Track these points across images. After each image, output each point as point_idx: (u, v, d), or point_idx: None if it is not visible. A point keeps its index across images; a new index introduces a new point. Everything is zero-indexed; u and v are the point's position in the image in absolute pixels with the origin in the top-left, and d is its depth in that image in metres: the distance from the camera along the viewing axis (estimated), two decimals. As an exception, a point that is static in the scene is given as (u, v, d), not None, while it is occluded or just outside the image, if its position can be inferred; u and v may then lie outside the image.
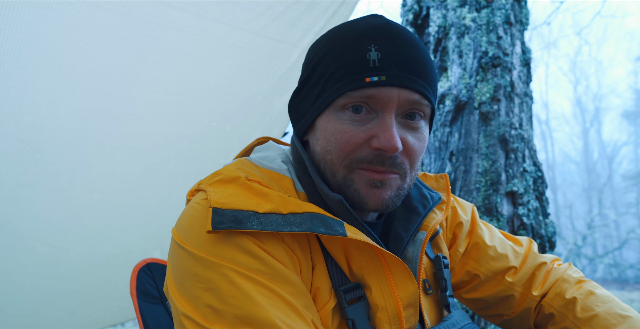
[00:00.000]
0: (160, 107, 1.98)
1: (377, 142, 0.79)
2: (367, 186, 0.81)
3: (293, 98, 0.92)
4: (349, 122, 0.80)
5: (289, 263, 0.76)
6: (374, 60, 0.78)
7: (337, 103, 0.81)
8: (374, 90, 0.78)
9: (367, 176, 0.81)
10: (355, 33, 0.82)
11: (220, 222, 0.71)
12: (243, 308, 0.67)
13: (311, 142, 0.88)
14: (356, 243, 0.83)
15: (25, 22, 1.47)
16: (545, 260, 1.10)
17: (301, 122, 0.89)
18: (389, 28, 0.82)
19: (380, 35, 0.80)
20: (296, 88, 0.91)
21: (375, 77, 0.78)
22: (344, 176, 0.82)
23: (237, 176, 0.81)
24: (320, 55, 0.84)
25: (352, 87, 0.79)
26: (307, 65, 0.88)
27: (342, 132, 0.80)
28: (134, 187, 2.13)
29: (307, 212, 0.76)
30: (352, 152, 0.80)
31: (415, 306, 0.86)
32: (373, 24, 0.82)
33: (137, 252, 2.25)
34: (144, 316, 1.15)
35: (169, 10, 1.72)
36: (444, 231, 1.08)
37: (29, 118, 1.66)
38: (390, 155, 0.80)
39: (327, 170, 0.84)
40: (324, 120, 0.83)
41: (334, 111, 0.82)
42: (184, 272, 0.73)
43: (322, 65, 0.83)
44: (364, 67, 0.78)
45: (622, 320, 0.92)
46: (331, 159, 0.82)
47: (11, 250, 1.90)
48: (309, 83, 0.87)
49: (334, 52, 0.82)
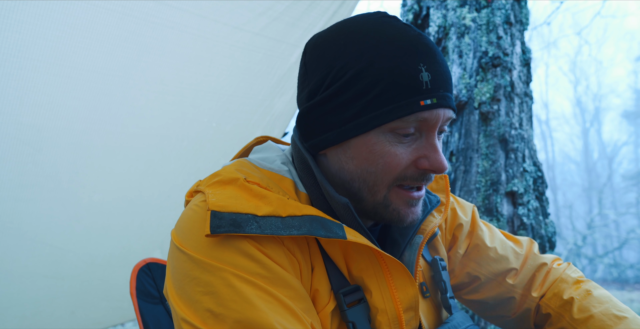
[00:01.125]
0: (160, 107, 1.98)
1: (426, 164, 0.79)
2: (407, 206, 0.82)
3: (311, 110, 0.83)
4: (399, 144, 0.79)
5: (288, 266, 0.76)
6: (426, 82, 0.75)
7: (388, 127, 0.77)
8: (427, 113, 0.76)
9: (406, 196, 0.82)
10: (400, 46, 0.76)
11: (218, 226, 0.71)
12: (242, 312, 0.67)
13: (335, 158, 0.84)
14: (356, 246, 0.82)
15: (25, 23, 1.47)
16: (545, 261, 1.09)
17: (322, 137, 0.83)
18: (426, 41, 0.79)
19: (425, 51, 0.77)
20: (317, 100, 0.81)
21: (428, 100, 0.76)
22: (384, 196, 0.81)
23: (236, 178, 0.80)
24: (356, 69, 0.77)
25: (408, 111, 0.75)
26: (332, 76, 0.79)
27: (392, 155, 0.78)
28: (134, 187, 2.14)
29: (307, 215, 0.76)
30: (399, 173, 0.80)
31: (415, 309, 0.86)
32: (411, 35, 0.78)
33: (137, 252, 2.25)
34: (143, 316, 1.15)
35: (169, 10, 1.72)
36: (443, 232, 1.08)
37: (29, 119, 1.66)
38: (439, 174, 0.81)
39: (364, 189, 0.82)
40: (366, 141, 0.79)
41: (382, 133, 0.78)
42: (183, 275, 0.73)
43: (360, 81, 0.76)
44: (418, 89, 0.75)
45: (618, 321, 0.92)
46: (374, 180, 0.80)
47: (11, 250, 1.90)
48: (339, 99, 0.79)
49: (378, 68, 0.76)
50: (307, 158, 0.85)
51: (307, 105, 0.84)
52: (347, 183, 0.83)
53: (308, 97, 0.84)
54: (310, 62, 0.84)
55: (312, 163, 0.84)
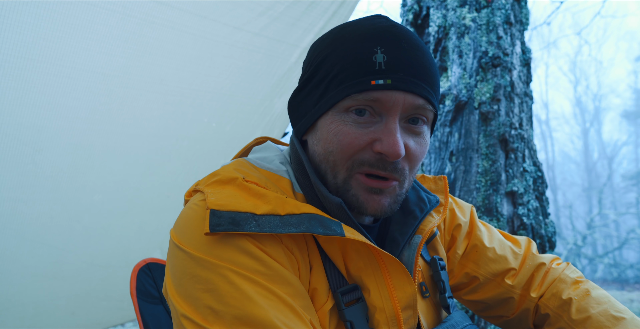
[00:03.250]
0: (160, 107, 1.98)
1: (380, 146, 0.78)
2: (366, 192, 0.81)
3: (293, 98, 0.91)
4: (352, 124, 0.80)
5: (287, 263, 0.76)
6: (380, 62, 0.77)
7: (341, 105, 0.80)
8: (380, 93, 0.77)
9: (365, 183, 0.81)
10: (361, 34, 0.80)
11: (217, 224, 0.71)
12: (242, 309, 0.67)
13: (311, 142, 0.87)
14: (354, 245, 0.82)
15: (25, 23, 1.47)
16: (544, 261, 1.09)
17: (301, 121, 0.88)
18: (395, 30, 0.80)
19: (387, 37, 0.79)
20: (297, 88, 0.90)
21: (381, 80, 0.77)
22: (344, 180, 0.82)
23: (235, 177, 0.80)
24: (323, 55, 0.83)
25: (357, 89, 0.77)
26: (309, 64, 0.87)
27: (345, 134, 0.79)
28: (134, 188, 2.13)
29: (305, 213, 0.76)
30: (354, 153, 0.80)
31: (413, 308, 0.86)
32: (379, 25, 0.81)
33: (137, 253, 2.25)
34: (143, 316, 1.15)
35: (169, 10, 1.72)
36: (442, 233, 1.08)
37: (29, 119, 1.66)
38: (392, 161, 0.79)
39: (328, 171, 0.83)
40: (326, 121, 0.82)
41: (337, 112, 0.81)
42: (182, 273, 0.73)
43: (325, 65, 0.82)
44: (370, 69, 0.77)
45: (616, 322, 0.92)
46: (333, 160, 0.81)
47: (11, 250, 1.89)
48: (311, 83, 0.85)
49: (338, 52, 0.81)
50: (302, 158, 0.86)
51: (293, 92, 0.91)
52: (317, 166, 0.85)
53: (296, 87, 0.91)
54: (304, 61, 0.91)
55: (306, 163, 0.85)
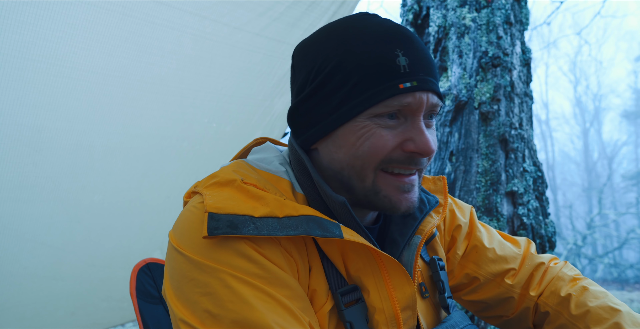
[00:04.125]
0: (160, 107, 1.98)
1: (413, 146, 0.79)
2: (398, 192, 0.82)
3: (299, 106, 0.86)
4: (384, 127, 0.79)
5: (285, 266, 0.76)
6: (403, 65, 0.77)
7: (370, 112, 0.79)
8: (409, 96, 0.77)
9: (394, 181, 0.81)
10: (376, 36, 0.79)
11: (216, 228, 0.71)
12: (240, 313, 0.67)
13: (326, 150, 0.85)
14: (353, 246, 0.82)
15: (25, 23, 1.47)
16: (542, 260, 1.10)
17: (311, 131, 0.85)
18: (404, 30, 0.81)
19: (403, 38, 0.79)
20: (303, 96, 0.85)
21: (408, 83, 0.77)
22: (372, 181, 0.81)
23: (233, 179, 0.80)
24: (335, 61, 0.79)
25: (388, 94, 0.77)
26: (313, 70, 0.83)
27: (378, 137, 0.79)
28: (134, 188, 2.13)
29: (304, 215, 0.76)
30: (385, 155, 0.80)
31: (413, 309, 0.86)
32: (388, 26, 0.81)
33: (137, 253, 2.25)
34: (143, 316, 1.15)
35: (169, 10, 1.72)
36: (442, 234, 1.08)
37: (29, 119, 1.66)
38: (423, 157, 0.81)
39: (353, 176, 0.82)
40: (352, 128, 0.80)
41: (367, 118, 0.79)
42: (181, 276, 0.73)
43: (342, 70, 0.79)
44: (396, 73, 0.77)
45: (614, 313, 0.94)
46: (361, 164, 0.80)
47: (11, 251, 1.89)
48: (322, 91, 0.81)
49: (355, 57, 0.78)
50: (303, 159, 0.86)
51: (295, 102, 0.87)
52: (338, 173, 0.84)
53: (296, 94, 0.87)
54: (297, 64, 0.88)
55: (307, 163, 0.84)
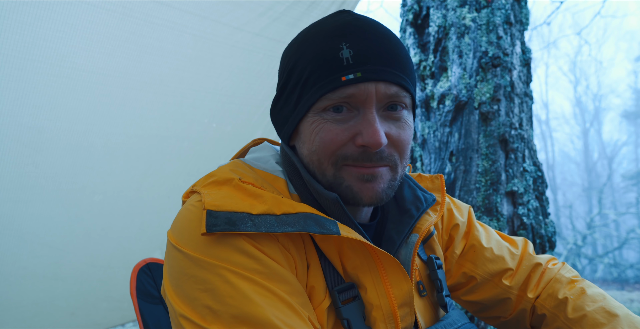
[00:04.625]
0: (160, 107, 1.98)
1: (361, 139, 0.79)
2: (359, 182, 0.81)
3: (273, 106, 0.91)
4: (332, 121, 0.80)
5: (284, 262, 0.77)
6: (347, 57, 0.77)
7: (318, 106, 0.81)
8: (352, 88, 0.78)
9: (356, 172, 0.81)
10: (325, 33, 0.81)
11: (214, 225, 0.72)
12: (240, 308, 0.68)
13: (298, 146, 0.87)
14: (350, 243, 0.83)
15: (25, 23, 1.47)
16: (540, 261, 1.10)
17: (284, 128, 0.88)
18: (357, 23, 0.81)
19: (350, 31, 0.79)
20: (275, 96, 0.90)
21: (351, 75, 0.77)
22: (333, 175, 0.82)
23: (231, 178, 0.81)
24: (294, 60, 0.84)
25: (330, 87, 0.78)
26: (283, 71, 0.87)
27: (326, 131, 0.80)
28: (134, 188, 2.14)
29: (301, 212, 0.76)
30: (337, 149, 0.80)
31: (410, 306, 0.87)
32: (341, 21, 0.82)
33: (137, 253, 2.25)
34: (143, 316, 1.15)
35: (170, 11, 1.72)
36: (439, 233, 1.08)
37: (29, 120, 1.66)
38: (376, 151, 0.79)
39: (316, 170, 0.84)
40: (307, 123, 0.83)
41: (316, 113, 0.81)
42: (180, 274, 0.73)
43: (296, 70, 0.83)
44: (338, 66, 0.78)
45: (611, 318, 0.93)
46: (318, 159, 0.82)
47: (11, 251, 1.89)
48: (287, 89, 0.86)
49: (306, 55, 0.81)
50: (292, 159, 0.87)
51: (272, 101, 0.91)
52: (307, 167, 0.86)
53: None
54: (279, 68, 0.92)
55: (298, 164, 0.85)
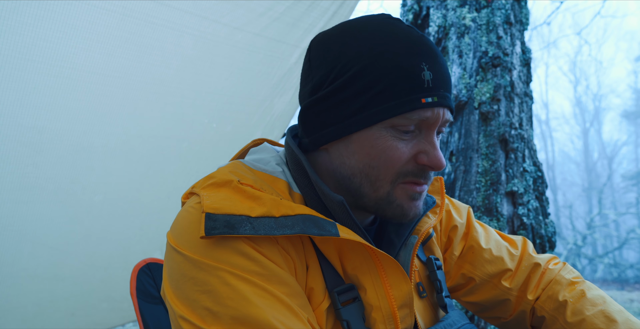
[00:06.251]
0: (160, 108, 1.98)
1: (426, 159, 0.81)
2: (409, 200, 0.83)
3: (314, 105, 0.84)
4: (400, 140, 0.80)
5: (283, 264, 0.77)
6: (428, 80, 0.78)
7: (389, 122, 0.79)
8: (429, 111, 0.79)
9: (411, 190, 0.83)
10: (404, 46, 0.79)
11: (213, 228, 0.72)
12: (240, 309, 0.68)
13: (337, 154, 0.84)
14: (350, 244, 0.83)
15: (25, 24, 1.47)
16: (539, 261, 1.09)
17: (324, 131, 0.84)
18: (428, 42, 0.82)
19: (426, 52, 0.80)
20: (320, 95, 0.83)
21: (429, 98, 0.78)
22: (388, 192, 0.82)
23: (230, 180, 0.81)
24: (361, 65, 0.79)
25: (410, 107, 0.77)
26: (338, 71, 0.81)
27: (395, 150, 0.80)
28: (134, 189, 2.13)
29: (299, 214, 0.76)
30: (401, 167, 0.81)
31: (410, 307, 0.87)
32: (414, 36, 0.81)
33: (138, 254, 2.25)
34: (144, 316, 1.15)
35: (170, 11, 1.72)
36: (438, 234, 1.08)
37: (29, 120, 1.66)
38: (435, 171, 0.83)
39: (365, 184, 0.83)
40: (369, 136, 0.80)
41: (384, 128, 0.80)
42: (179, 275, 0.73)
43: (365, 77, 0.78)
44: (420, 87, 0.77)
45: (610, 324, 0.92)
46: (376, 175, 0.81)
47: (12, 252, 1.89)
48: (342, 94, 0.80)
49: (382, 66, 0.78)
50: (300, 159, 0.86)
51: (310, 100, 0.85)
52: (347, 178, 0.84)
53: (311, 92, 0.85)
54: (315, 58, 0.86)
55: (305, 163, 0.85)
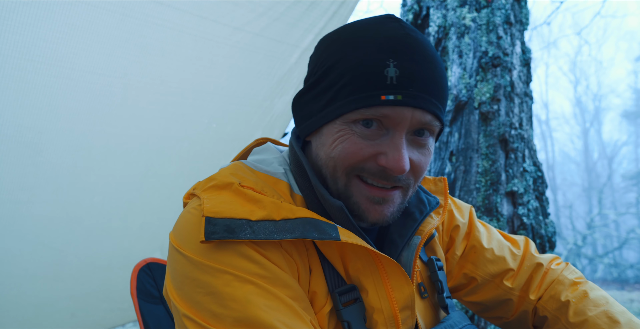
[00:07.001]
0: (160, 108, 1.98)
1: (384, 161, 0.77)
2: (368, 202, 0.81)
3: (299, 98, 0.88)
4: (359, 135, 0.79)
5: (286, 267, 0.77)
6: (391, 77, 0.75)
7: (349, 116, 0.79)
8: (389, 109, 0.76)
9: (367, 191, 0.80)
10: (374, 42, 0.78)
11: (213, 232, 0.71)
12: (242, 311, 0.68)
13: (314, 145, 0.86)
14: (352, 246, 0.83)
15: (25, 24, 1.47)
16: (542, 261, 1.09)
17: (306, 123, 0.87)
18: (409, 40, 0.78)
19: (401, 48, 0.76)
20: (304, 88, 0.87)
21: (391, 96, 0.75)
22: (345, 184, 0.81)
23: (231, 183, 0.81)
24: (334, 59, 0.80)
25: (367, 103, 0.76)
26: (319, 66, 0.84)
27: (351, 143, 0.79)
28: (134, 189, 2.13)
29: (300, 218, 0.76)
30: (357, 163, 0.79)
31: (411, 309, 0.86)
32: (393, 34, 0.78)
33: (138, 254, 2.25)
34: (144, 316, 1.15)
35: (170, 11, 1.72)
36: (440, 234, 1.08)
37: (29, 121, 1.66)
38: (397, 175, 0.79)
39: (328, 176, 0.83)
40: (332, 129, 0.81)
41: (345, 122, 0.79)
42: (183, 277, 0.74)
43: (334, 71, 0.80)
44: (381, 83, 0.75)
45: (613, 325, 0.92)
46: (334, 165, 0.81)
47: (12, 252, 1.89)
48: (318, 87, 0.83)
49: (349, 60, 0.78)
50: (302, 161, 0.86)
51: (298, 92, 0.89)
52: (319, 170, 0.85)
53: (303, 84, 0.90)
54: (312, 55, 0.89)
55: (306, 166, 0.85)
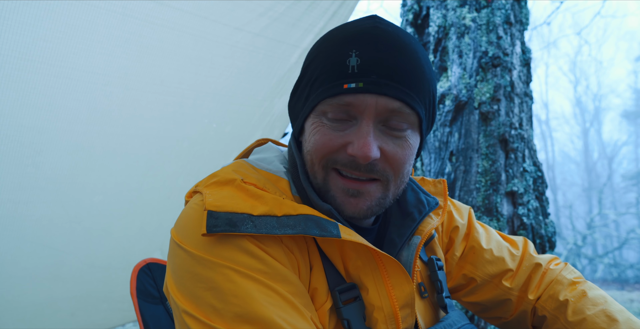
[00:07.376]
0: (160, 108, 1.98)
1: (351, 149, 0.79)
2: (343, 194, 0.82)
3: (290, 100, 0.94)
4: (329, 126, 0.81)
5: (287, 263, 0.77)
6: (353, 66, 0.77)
7: (318, 109, 0.82)
8: (351, 97, 0.78)
9: (342, 183, 0.82)
10: (341, 37, 0.81)
11: (214, 225, 0.72)
12: (243, 307, 0.68)
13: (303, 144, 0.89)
14: (352, 245, 0.83)
15: (25, 24, 1.47)
16: (540, 262, 1.10)
17: (295, 123, 0.91)
18: (375, 32, 0.80)
19: (364, 39, 0.79)
20: (292, 90, 0.93)
21: (352, 84, 0.77)
22: (323, 178, 0.83)
23: (233, 179, 0.82)
24: (311, 59, 0.86)
25: (331, 93, 0.79)
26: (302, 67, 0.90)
27: (321, 134, 0.81)
28: (134, 189, 2.13)
29: (302, 214, 0.77)
30: (328, 154, 0.81)
31: (411, 307, 0.87)
32: (360, 27, 0.81)
33: (138, 254, 2.25)
34: (144, 316, 1.15)
35: (170, 11, 1.72)
36: (440, 235, 1.09)
37: (29, 121, 1.66)
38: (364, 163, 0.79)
39: (309, 171, 0.85)
40: (309, 123, 0.84)
41: (317, 115, 0.83)
42: (184, 272, 0.74)
43: (310, 69, 0.85)
44: (343, 73, 0.78)
45: (611, 323, 0.93)
46: (311, 159, 0.84)
47: (12, 252, 1.89)
48: (300, 86, 0.88)
49: (320, 56, 0.83)
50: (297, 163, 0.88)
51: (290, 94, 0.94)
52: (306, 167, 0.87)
53: None
54: None
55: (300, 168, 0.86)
